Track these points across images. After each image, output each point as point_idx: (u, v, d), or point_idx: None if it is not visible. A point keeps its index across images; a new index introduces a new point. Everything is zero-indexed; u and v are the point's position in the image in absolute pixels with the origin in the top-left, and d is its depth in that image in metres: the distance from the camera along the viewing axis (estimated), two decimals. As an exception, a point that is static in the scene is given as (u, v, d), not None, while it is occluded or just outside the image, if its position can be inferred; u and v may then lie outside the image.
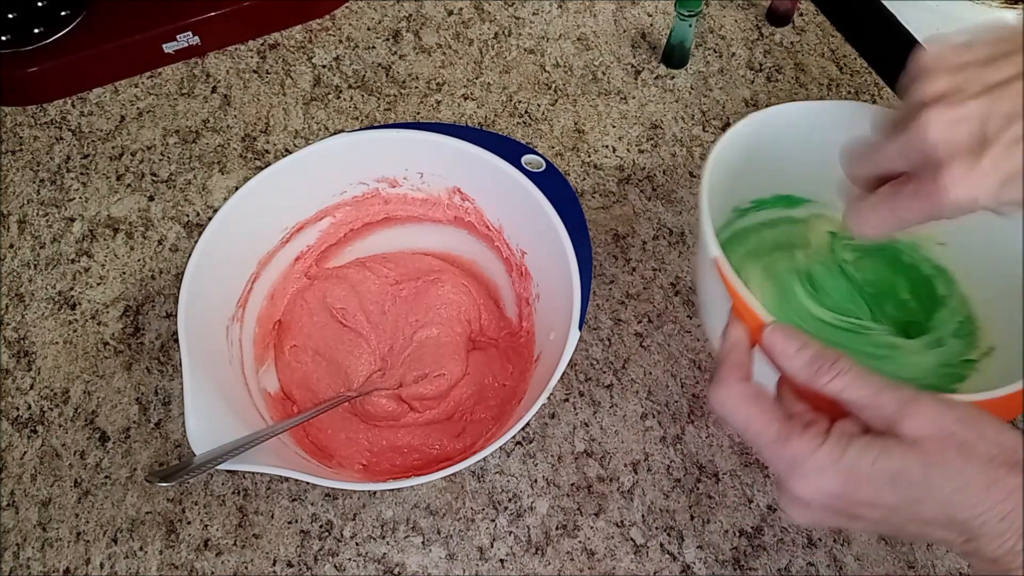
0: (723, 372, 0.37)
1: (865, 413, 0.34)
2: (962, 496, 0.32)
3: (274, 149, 0.68)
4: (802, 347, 0.36)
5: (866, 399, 0.34)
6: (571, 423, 0.56)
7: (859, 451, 0.32)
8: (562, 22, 0.75)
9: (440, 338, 0.56)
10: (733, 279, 0.40)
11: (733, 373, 0.37)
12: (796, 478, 0.33)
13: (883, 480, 0.32)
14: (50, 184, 0.66)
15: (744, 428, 0.36)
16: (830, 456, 0.33)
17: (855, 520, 0.34)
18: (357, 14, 0.75)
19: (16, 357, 0.58)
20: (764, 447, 0.35)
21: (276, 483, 0.53)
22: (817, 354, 0.36)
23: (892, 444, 0.32)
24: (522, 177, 0.52)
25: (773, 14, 0.74)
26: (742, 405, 0.36)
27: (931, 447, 0.32)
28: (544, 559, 0.51)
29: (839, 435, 0.33)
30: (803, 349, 0.36)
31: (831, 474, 0.33)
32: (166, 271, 0.62)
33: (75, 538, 0.52)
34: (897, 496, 0.32)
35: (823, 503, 0.33)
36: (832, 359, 0.35)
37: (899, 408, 0.33)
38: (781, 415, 0.35)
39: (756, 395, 0.36)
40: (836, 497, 0.33)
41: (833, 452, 0.33)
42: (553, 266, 0.51)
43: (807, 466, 0.33)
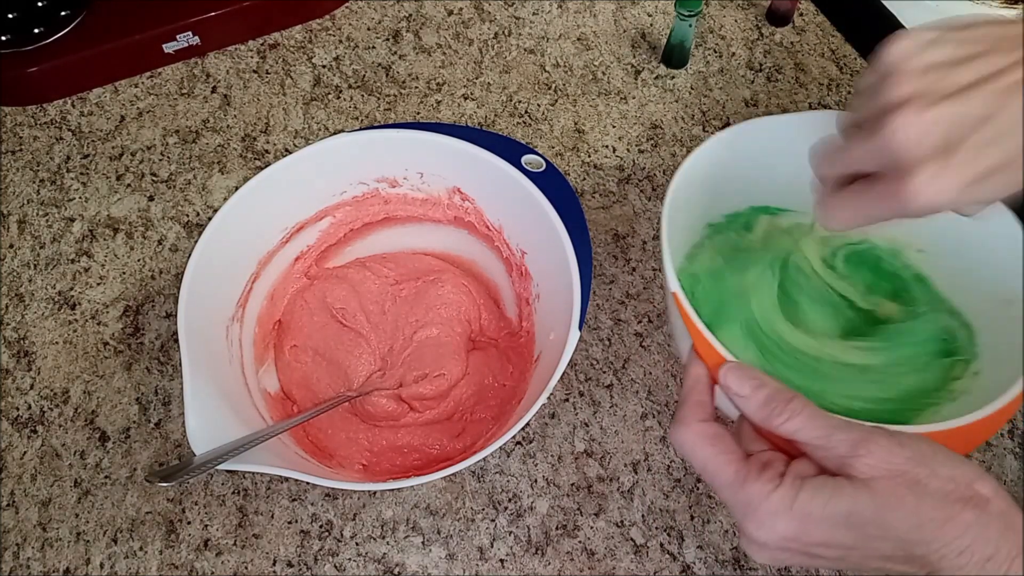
0: (684, 412, 0.38)
1: (818, 453, 0.35)
2: (918, 534, 0.32)
3: (274, 149, 0.68)
4: (757, 388, 0.37)
5: (819, 440, 0.34)
6: (571, 423, 0.56)
7: (811, 494, 0.33)
8: (562, 22, 0.75)
9: (440, 338, 0.56)
10: (692, 316, 0.41)
11: (694, 413, 0.38)
12: (751, 522, 0.34)
13: (836, 521, 0.33)
14: (50, 184, 0.66)
15: (703, 468, 0.37)
16: (783, 501, 0.33)
17: (814, 559, 0.34)
18: (357, 14, 0.75)
19: (16, 357, 0.58)
20: (721, 489, 0.36)
21: (276, 483, 0.53)
22: (771, 395, 0.36)
23: (844, 485, 0.33)
24: (522, 177, 0.52)
25: (773, 14, 0.74)
26: (700, 446, 0.36)
27: (883, 487, 0.32)
28: (544, 559, 0.51)
29: (792, 478, 0.34)
30: (758, 390, 0.37)
31: (785, 519, 0.33)
32: (166, 271, 0.62)
33: (75, 538, 0.52)
34: (852, 536, 0.33)
35: (779, 545, 0.34)
36: (786, 400, 0.36)
37: (851, 449, 0.33)
38: (739, 457, 0.36)
39: (715, 436, 0.37)
40: (791, 540, 0.34)
41: (786, 497, 0.33)
42: (553, 266, 0.51)
43: (761, 511, 0.34)
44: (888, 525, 0.32)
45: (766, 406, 0.36)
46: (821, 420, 0.35)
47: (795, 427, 0.35)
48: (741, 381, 0.37)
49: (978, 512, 0.32)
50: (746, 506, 0.34)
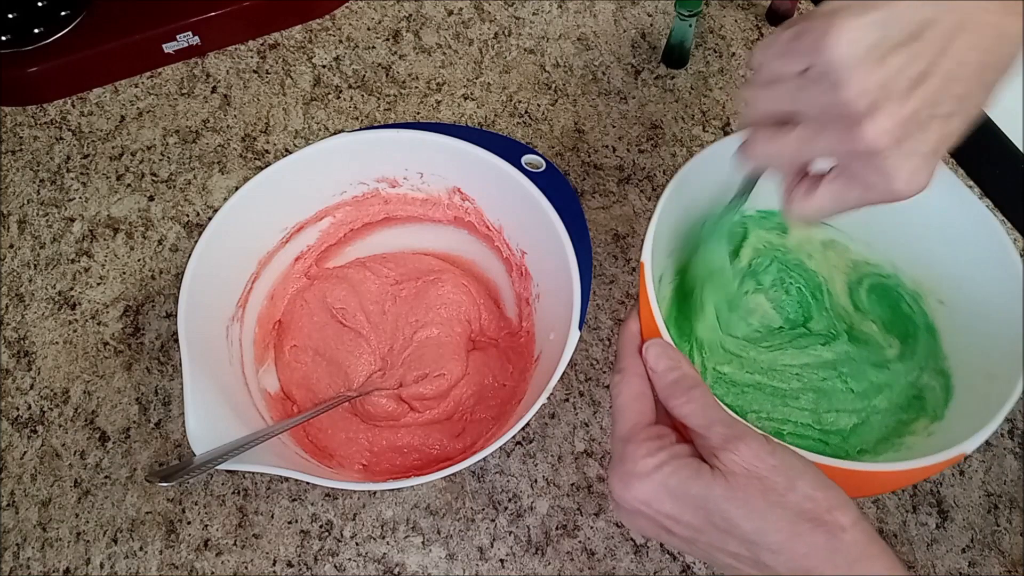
0: (625, 363, 0.41)
1: (698, 441, 0.37)
2: (762, 539, 0.33)
3: (274, 149, 0.68)
4: (669, 369, 0.39)
5: (701, 428, 0.36)
6: (571, 423, 0.56)
7: (672, 468, 0.35)
8: (562, 22, 0.75)
9: (440, 338, 0.56)
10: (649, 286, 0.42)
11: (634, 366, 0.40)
12: (616, 475, 0.37)
13: (687, 501, 0.35)
14: (50, 184, 0.66)
15: (614, 413, 0.40)
16: (648, 467, 0.35)
17: (667, 533, 0.36)
18: (357, 14, 0.75)
19: (16, 357, 0.58)
20: (613, 437, 0.39)
21: (276, 483, 0.54)
22: (679, 379, 0.38)
23: (704, 471, 0.35)
24: (522, 177, 0.52)
25: (773, 14, 0.74)
26: (623, 394, 0.39)
27: (738, 484, 0.34)
28: (544, 559, 0.51)
29: (667, 454, 0.36)
30: (669, 371, 0.39)
31: (643, 482, 0.35)
32: (166, 271, 0.62)
33: (75, 538, 0.52)
34: (699, 519, 0.34)
35: (631, 507, 0.36)
36: (688, 387, 0.38)
37: (723, 442, 0.35)
38: (644, 419, 0.38)
39: (640, 393, 0.39)
40: (643, 503, 0.36)
41: (652, 464, 0.35)
42: (553, 266, 0.51)
43: (627, 468, 0.36)
44: (732, 521, 0.34)
45: (671, 386, 0.38)
46: (709, 411, 0.37)
47: (687, 412, 0.37)
48: (658, 358, 0.40)
49: (829, 537, 0.33)
50: (619, 459, 0.37)
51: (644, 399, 0.39)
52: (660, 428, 0.38)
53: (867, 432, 0.50)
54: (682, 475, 0.35)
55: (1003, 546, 0.52)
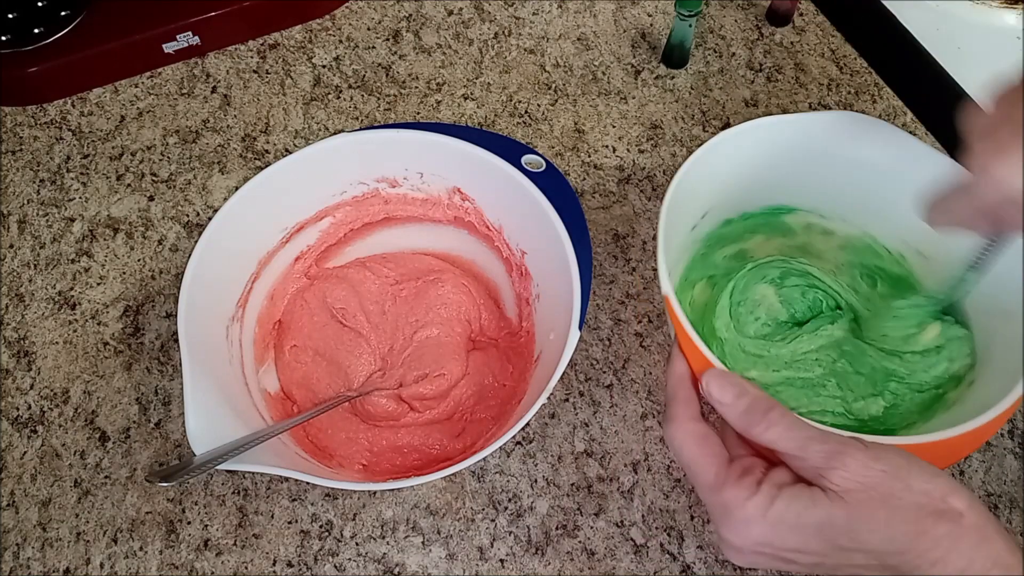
0: (674, 410, 0.39)
1: (795, 463, 0.35)
2: (890, 546, 0.33)
3: (274, 149, 0.68)
4: (737, 396, 0.37)
5: (795, 450, 0.35)
6: (571, 423, 0.56)
7: (785, 503, 0.34)
8: (562, 22, 0.75)
9: (440, 338, 0.56)
10: (680, 316, 0.42)
11: (684, 411, 0.39)
12: (727, 527, 0.35)
13: (810, 531, 0.33)
14: (50, 184, 0.66)
15: (687, 467, 0.38)
16: (758, 508, 0.34)
17: (789, 564, 0.35)
18: (357, 14, 0.75)
19: (16, 357, 0.58)
20: (701, 489, 0.37)
21: (276, 483, 0.54)
22: (751, 405, 0.37)
23: (819, 496, 0.33)
24: (522, 177, 0.52)
25: (773, 14, 0.74)
26: (688, 445, 0.37)
27: (856, 500, 0.33)
28: (544, 559, 0.51)
29: (769, 486, 0.34)
30: (739, 399, 0.37)
31: (759, 525, 0.34)
32: (166, 271, 0.62)
33: (75, 538, 0.52)
34: (825, 545, 0.34)
35: (752, 549, 0.35)
36: (764, 410, 0.36)
37: (825, 461, 0.34)
38: (722, 460, 0.37)
39: (703, 437, 0.38)
40: (764, 545, 0.34)
41: (761, 505, 0.34)
42: (553, 266, 0.51)
43: (736, 516, 0.34)
44: (860, 538, 0.33)
45: (746, 415, 0.37)
46: (798, 431, 0.35)
47: (773, 437, 0.36)
48: (723, 389, 0.38)
49: (951, 525, 0.32)
50: (723, 510, 0.35)
51: (710, 440, 0.37)
52: (744, 462, 0.36)
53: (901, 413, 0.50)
54: (797, 507, 0.33)
55: (1003, 546, 0.52)
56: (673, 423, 0.38)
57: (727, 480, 0.35)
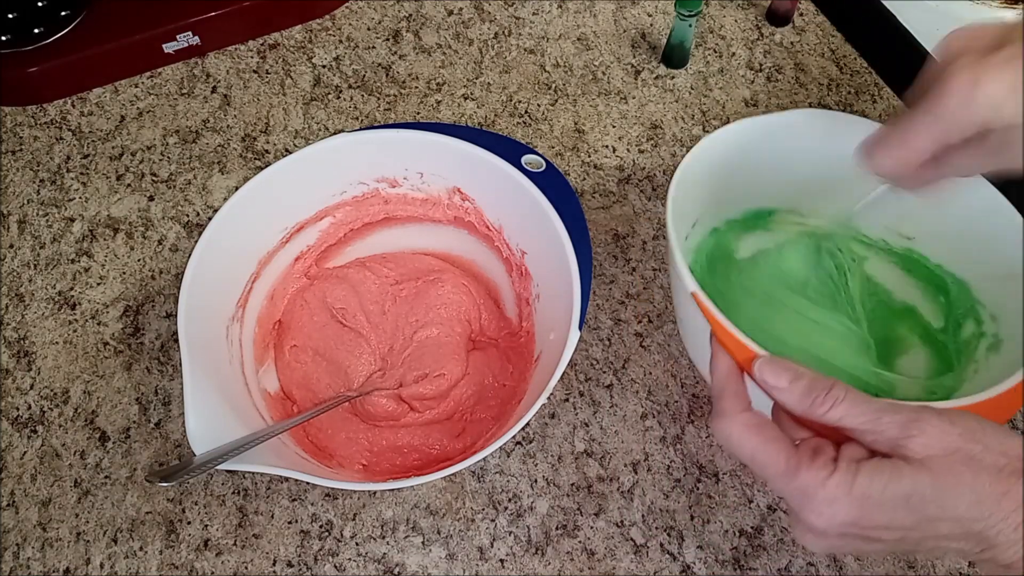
0: (724, 404, 0.37)
1: (868, 437, 0.34)
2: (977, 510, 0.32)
3: (274, 149, 0.68)
4: (794, 379, 0.36)
5: (867, 424, 0.34)
6: (571, 423, 0.56)
7: (869, 477, 0.32)
8: (562, 22, 0.75)
9: (440, 338, 0.56)
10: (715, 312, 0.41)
11: (734, 404, 0.37)
12: (809, 510, 0.33)
13: (897, 503, 0.32)
14: (50, 184, 0.66)
15: (751, 459, 0.36)
16: (841, 486, 0.33)
17: (872, 543, 0.34)
18: (357, 14, 0.75)
19: (16, 357, 0.58)
20: (774, 479, 0.35)
21: (276, 483, 0.53)
22: (810, 385, 0.36)
23: (902, 466, 0.32)
24: (522, 177, 0.52)
25: (773, 14, 0.74)
26: (748, 437, 0.36)
27: (941, 465, 0.32)
28: (544, 559, 0.51)
29: (847, 462, 0.33)
30: (796, 381, 0.36)
31: (845, 504, 0.33)
32: (166, 271, 0.62)
33: (75, 538, 0.52)
34: (913, 517, 0.32)
35: (839, 531, 0.33)
36: (826, 388, 0.35)
37: (902, 430, 0.33)
38: (787, 445, 0.35)
39: (760, 425, 0.36)
40: (851, 525, 0.33)
41: (844, 481, 0.33)
42: (553, 266, 0.51)
43: (819, 498, 0.33)
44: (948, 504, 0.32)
45: (807, 396, 0.35)
46: (865, 405, 0.34)
47: (840, 414, 0.34)
48: (777, 373, 0.37)
49: None
50: (803, 494, 0.34)
51: (769, 427, 0.36)
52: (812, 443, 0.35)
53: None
54: (883, 479, 0.32)
55: (1003, 546, 0.52)
56: (724, 417, 0.37)
57: (800, 463, 0.34)
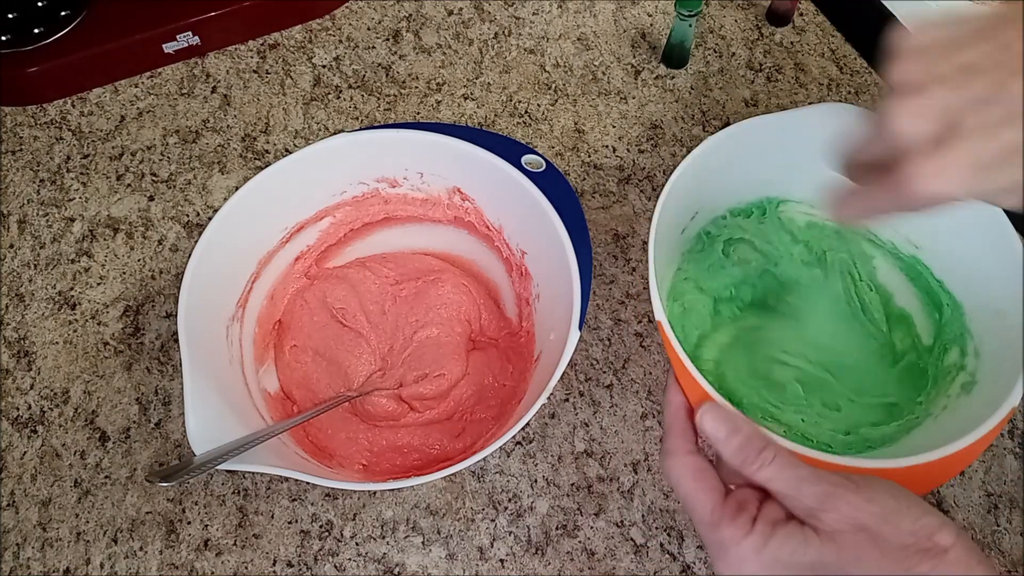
0: (670, 443, 0.39)
1: (788, 501, 0.36)
2: None
3: (274, 149, 0.68)
4: (731, 433, 0.38)
5: (789, 490, 0.36)
6: (571, 423, 0.56)
7: (780, 543, 0.34)
8: (562, 22, 0.75)
9: (440, 338, 0.56)
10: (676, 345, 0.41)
11: (680, 445, 0.39)
12: (723, 563, 0.36)
13: (802, 569, 0.34)
14: (50, 184, 0.66)
15: (684, 501, 0.38)
16: (753, 546, 0.35)
17: None
18: (357, 14, 0.75)
19: (16, 357, 0.58)
20: (698, 525, 0.37)
21: (276, 483, 0.54)
22: (744, 443, 0.37)
23: (811, 536, 0.34)
24: (522, 177, 0.52)
25: (773, 14, 0.74)
26: (686, 480, 0.38)
27: (848, 541, 0.34)
28: (544, 559, 0.51)
29: (764, 524, 0.35)
30: (732, 436, 0.38)
31: (754, 564, 0.35)
32: (166, 271, 0.62)
33: (75, 538, 0.52)
34: None
35: None
36: (758, 448, 0.37)
37: (819, 502, 0.34)
38: (718, 496, 0.37)
39: (699, 471, 0.38)
40: None
41: (756, 544, 0.35)
42: (553, 266, 0.51)
43: (732, 554, 0.35)
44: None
45: (739, 452, 0.37)
46: (791, 471, 0.36)
47: (767, 476, 0.36)
48: (716, 424, 0.38)
49: (935, 562, 0.33)
50: (720, 547, 0.36)
51: (707, 475, 0.38)
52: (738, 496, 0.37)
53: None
54: (790, 546, 0.34)
55: (1003, 546, 0.52)
56: (670, 456, 0.39)
57: (723, 517, 0.36)
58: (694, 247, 0.56)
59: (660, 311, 0.43)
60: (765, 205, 0.56)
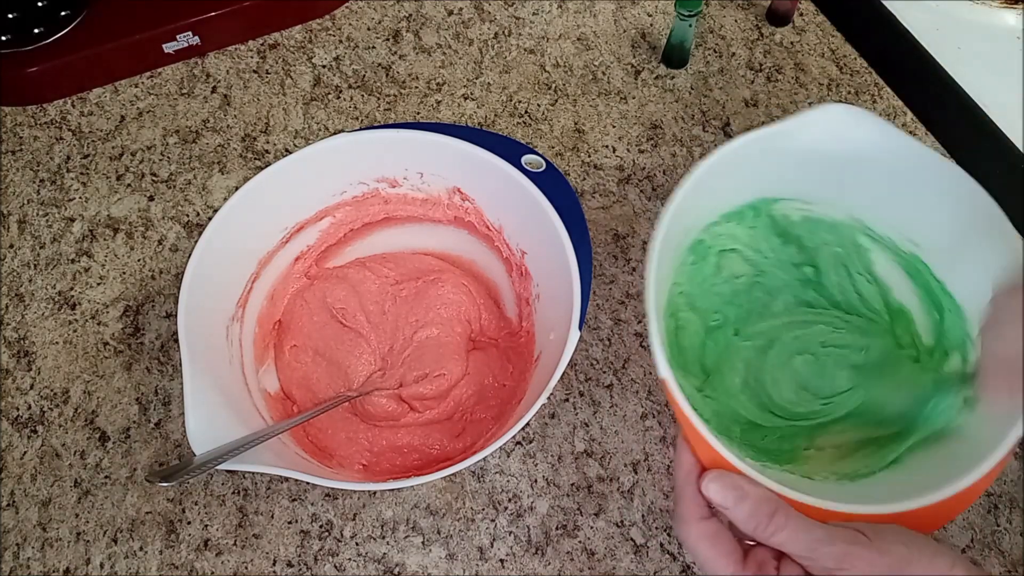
0: (683, 508, 0.40)
1: (804, 562, 0.36)
2: None
3: (274, 149, 0.68)
4: (739, 500, 0.38)
5: (805, 552, 0.36)
6: (571, 423, 0.56)
7: None
8: (562, 22, 0.75)
9: (440, 338, 0.56)
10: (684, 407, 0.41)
11: (692, 510, 0.39)
12: None
13: None
14: (50, 184, 0.66)
15: (703, 567, 0.39)
16: None
17: None
18: (357, 14, 0.75)
19: (16, 357, 0.58)
20: None
21: (276, 483, 0.54)
22: (754, 509, 0.37)
23: None
24: (522, 177, 0.52)
25: (773, 14, 0.74)
26: (702, 546, 0.38)
27: None
28: (544, 559, 0.51)
29: None
30: (740, 503, 0.38)
31: None
32: (166, 271, 0.62)
33: (75, 538, 0.52)
34: None
35: None
36: (769, 513, 0.37)
37: (836, 563, 0.35)
38: (736, 559, 0.38)
39: (715, 535, 0.38)
40: None
41: None
42: (553, 266, 0.51)
43: None
44: None
45: (751, 519, 0.37)
46: (804, 535, 0.36)
47: (781, 540, 0.37)
48: (724, 492, 0.38)
49: None
50: None
51: (723, 538, 0.38)
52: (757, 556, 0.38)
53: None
54: None
55: (1003, 546, 0.52)
56: (684, 524, 0.39)
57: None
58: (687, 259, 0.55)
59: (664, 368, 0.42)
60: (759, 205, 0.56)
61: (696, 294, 0.55)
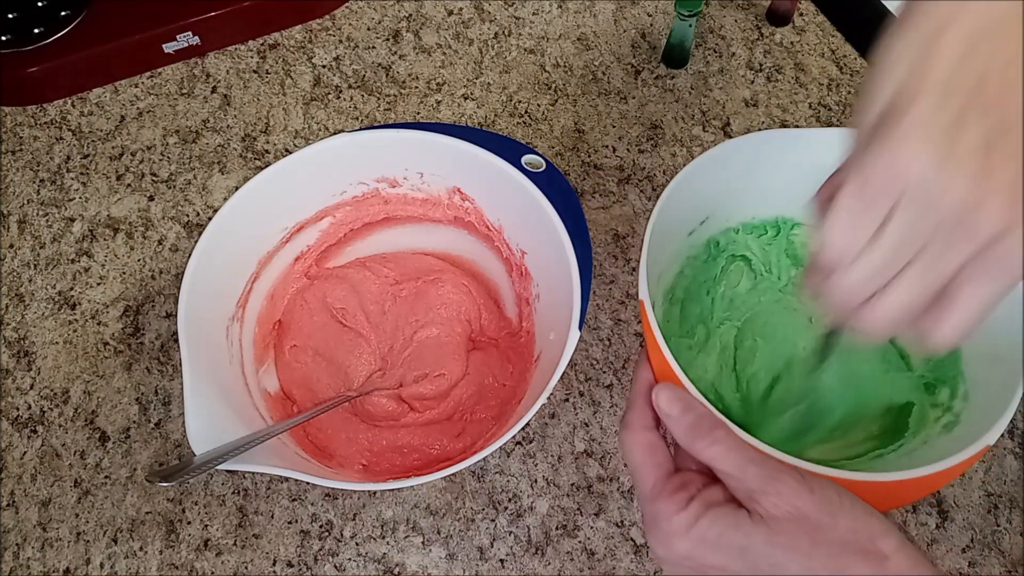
0: (630, 417, 0.40)
1: (731, 483, 0.36)
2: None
3: (274, 149, 0.68)
4: (684, 411, 0.38)
5: (733, 470, 0.35)
6: (571, 423, 0.56)
7: (709, 523, 0.34)
8: (562, 22, 0.75)
9: (440, 338, 0.56)
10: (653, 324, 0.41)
11: (639, 420, 0.39)
12: (654, 538, 0.36)
13: (731, 552, 0.34)
14: (50, 184, 0.66)
15: (632, 473, 0.39)
16: (682, 524, 0.35)
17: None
18: (357, 14, 0.75)
19: (16, 357, 0.58)
20: (640, 497, 0.38)
21: (276, 483, 0.54)
22: (696, 422, 0.37)
23: (743, 519, 0.34)
24: (522, 177, 0.52)
25: (773, 14, 0.74)
26: (635, 452, 0.38)
27: (781, 527, 0.33)
28: (544, 559, 0.51)
29: (699, 503, 0.35)
30: (685, 413, 0.38)
31: (682, 540, 0.35)
32: (166, 271, 0.62)
33: (75, 538, 0.52)
34: (745, 567, 0.34)
35: (675, 561, 0.36)
36: (709, 427, 0.37)
37: (760, 485, 0.34)
38: (663, 472, 0.37)
39: (650, 446, 0.38)
40: (686, 559, 0.35)
41: (686, 521, 0.35)
42: (553, 266, 0.51)
43: (662, 529, 0.35)
44: (779, 565, 0.33)
45: (690, 430, 0.37)
46: (738, 452, 0.35)
47: (713, 455, 0.36)
48: (671, 402, 0.38)
49: (873, 566, 0.32)
50: (652, 520, 0.36)
51: (657, 450, 0.38)
52: (683, 476, 0.37)
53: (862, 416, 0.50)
54: (720, 526, 0.34)
55: (1003, 546, 0.52)
56: (627, 429, 0.39)
57: (662, 492, 0.36)
58: (699, 254, 0.55)
59: (644, 291, 0.42)
60: (780, 225, 0.56)
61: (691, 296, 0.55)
